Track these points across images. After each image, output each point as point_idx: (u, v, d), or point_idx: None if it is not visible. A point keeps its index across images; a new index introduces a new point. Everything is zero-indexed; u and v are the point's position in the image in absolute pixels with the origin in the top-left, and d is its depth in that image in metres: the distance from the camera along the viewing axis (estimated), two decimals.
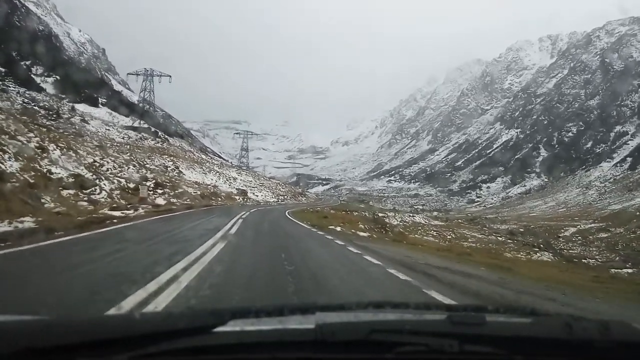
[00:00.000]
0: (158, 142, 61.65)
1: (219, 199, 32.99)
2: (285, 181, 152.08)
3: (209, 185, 42.10)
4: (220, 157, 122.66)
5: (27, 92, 49.57)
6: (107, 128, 54.12)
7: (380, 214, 38.42)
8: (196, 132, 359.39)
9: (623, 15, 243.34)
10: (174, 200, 21.25)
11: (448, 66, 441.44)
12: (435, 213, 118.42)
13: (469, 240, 32.52)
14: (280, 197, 68.99)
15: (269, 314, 1.51)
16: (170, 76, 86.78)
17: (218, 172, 59.94)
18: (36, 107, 45.17)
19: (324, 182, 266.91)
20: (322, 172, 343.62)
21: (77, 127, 45.62)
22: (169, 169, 44.22)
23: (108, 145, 42.67)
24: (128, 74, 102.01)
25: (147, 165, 40.60)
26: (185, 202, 22.37)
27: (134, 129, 64.49)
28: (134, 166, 21.99)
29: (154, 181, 21.27)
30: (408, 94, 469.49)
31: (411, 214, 55.50)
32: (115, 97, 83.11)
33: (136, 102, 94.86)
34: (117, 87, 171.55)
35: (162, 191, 21.31)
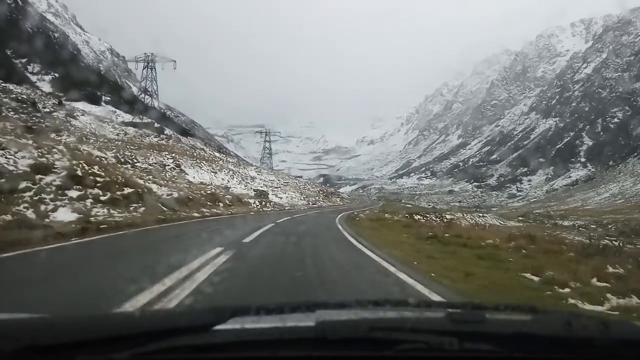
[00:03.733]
0: (162, 139, 53.53)
1: (220, 205, 22.86)
2: (317, 179, 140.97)
3: (211, 185, 32.35)
4: (238, 157, 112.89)
5: (2, 84, 41.70)
6: (101, 124, 46.39)
7: (448, 216, 28.86)
8: (220, 137, 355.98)
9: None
10: (104, 212, 11.53)
11: (474, 58, 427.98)
12: (474, 209, 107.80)
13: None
14: (310, 198, 58.47)
15: (269, 312, 1.50)
16: (174, 61, 76.86)
17: (232, 170, 50.96)
18: (6, 99, 36.93)
19: (352, 182, 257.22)
20: (348, 172, 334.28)
21: (58, 121, 37.30)
22: (167, 167, 35.71)
23: (91, 140, 34.21)
24: (125, 60, 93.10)
25: (137, 163, 32.05)
26: (127, 216, 12.20)
27: (134, 124, 56.75)
28: (36, 151, 12.17)
29: (63, 174, 11.56)
30: (434, 89, 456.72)
31: (480, 214, 45.75)
32: (122, 96, 75.51)
33: (157, 107, 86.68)
34: (137, 93, 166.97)
35: (81, 194, 11.60)
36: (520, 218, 56.95)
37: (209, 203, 20.58)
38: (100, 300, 4.41)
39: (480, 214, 46.26)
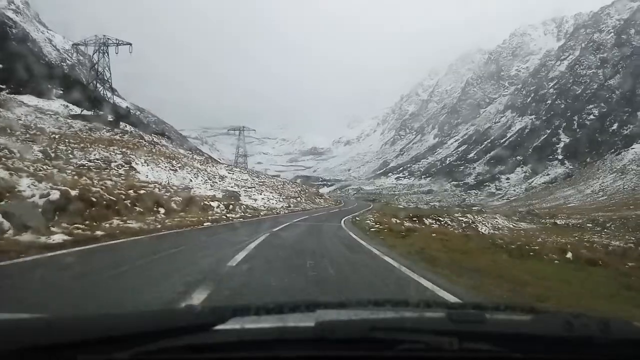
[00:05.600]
0: (116, 134, 47.34)
1: (160, 211, 15.61)
2: (294, 180, 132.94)
3: (156, 184, 26.00)
4: (207, 155, 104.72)
5: None
6: (42, 116, 40.18)
7: (461, 218, 23.95)
8: (194, 139, 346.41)
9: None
10: None
11: (449, 58, 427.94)
12: (457, 209, 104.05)
13: None
14: (291, 199, 51.83)
15: (269, 312, 1.49)
16: (130, 44, 68.76)
17: (198, 168, 44.86)
18: None
19: (329, 183, 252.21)
20: (325, 173, 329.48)
21: None
22: (113, 163, 29.73)
23: (17, 133, 28.08)
24: (73, 44, 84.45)
25: (73, 159, 26.07)
26: None
27: (83, 117, 50.27)
28: None
29: None
30: (409, 89, 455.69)
31: (486, 215, 41.25)
32: (77, 90, 68.25)
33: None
34: (104, 93, 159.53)
35: None
36: (514, 218, 52.85)
37: (136, 208, 13.91)
38: None
39: (486, 215, 41.66)
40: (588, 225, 58.20)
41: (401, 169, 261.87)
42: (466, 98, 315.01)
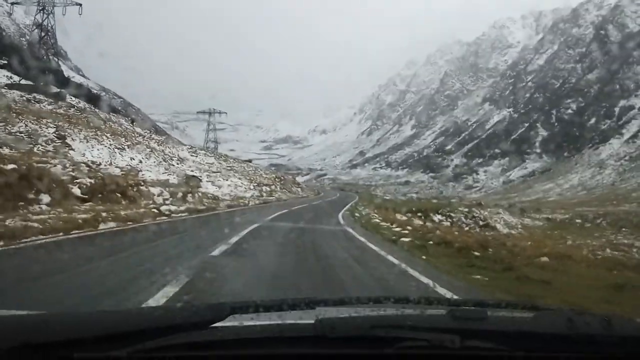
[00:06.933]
0: (61, 108, 41.37)
1: (41, 200, 9.82)
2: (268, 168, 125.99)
3: (83, 162, 20.23)
4: (168, 135, 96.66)
5: None
6: None
7: (475, 215, 19.50)
8: (164, 124, 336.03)
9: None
10: None
11: (427, 48, 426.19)
12: (435, 201, 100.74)
13: None
14: (264, 187, 45.93)
15: (269, 309, 1.48)
16: (80, 5, 61.06)
17: (153, 148, 39.07)
18: None
19: (304, 173, 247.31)
20: (300, 162, 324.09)
21: None
22: (42, 139, 24.19)
23: None
24: (12, 3, 76.19)
25: None
26: None
27: (21, 87, 44.12)
28: None
29: None
30: (386, 79, 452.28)
31: (496, 211, 37.07)
32: (25, 61, 61.06)
33: (93, 88, 72.11)
34: (68, 72, 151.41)
35: None
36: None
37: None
38: None
39: (490, 209, 37.56)
40: (577, 220, 55.11)
41: (378, 159, 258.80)
42: (444, 89, 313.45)
